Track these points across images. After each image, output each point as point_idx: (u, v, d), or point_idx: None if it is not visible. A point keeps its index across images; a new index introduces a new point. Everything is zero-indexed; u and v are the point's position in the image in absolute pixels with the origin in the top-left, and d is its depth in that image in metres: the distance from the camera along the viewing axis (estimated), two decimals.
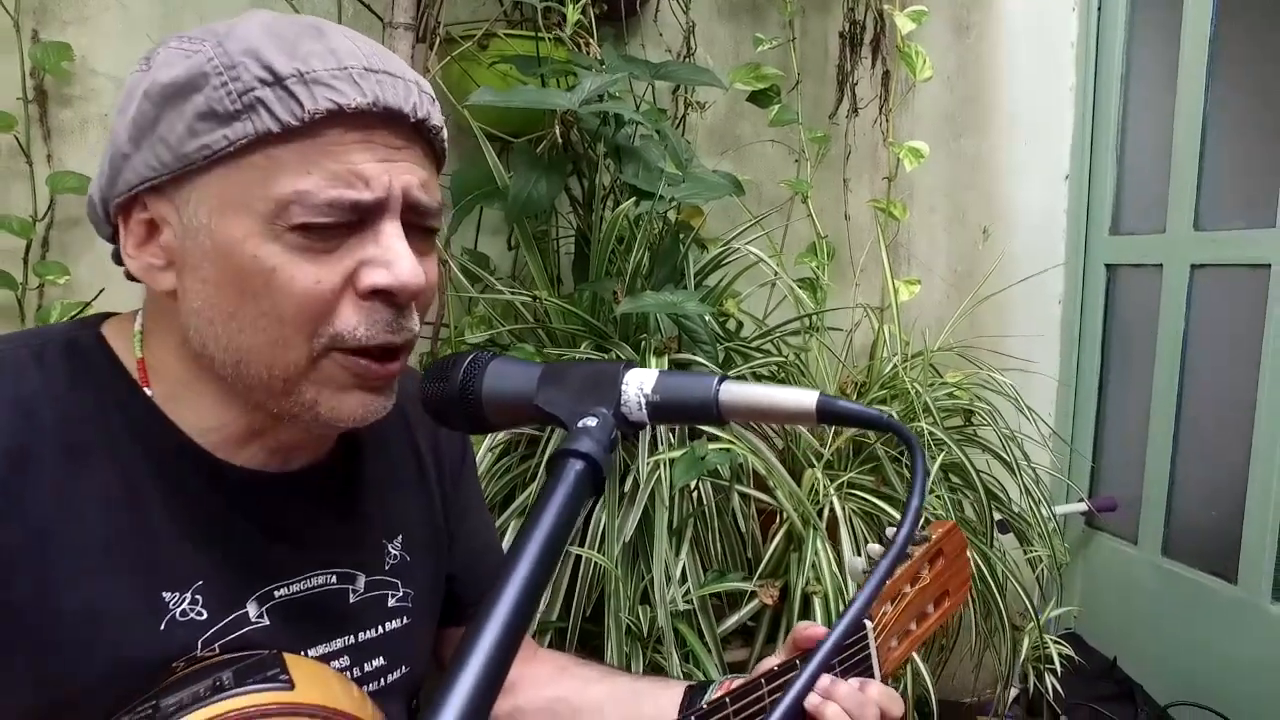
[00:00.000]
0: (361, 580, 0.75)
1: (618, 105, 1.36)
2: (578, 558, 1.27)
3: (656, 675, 1.18)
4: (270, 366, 0.62)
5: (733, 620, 1.43)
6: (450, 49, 1.56)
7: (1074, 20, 2.15)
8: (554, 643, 1.33)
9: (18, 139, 1.56)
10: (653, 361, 1.33)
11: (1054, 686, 1.65)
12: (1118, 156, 2.16)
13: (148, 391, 0.66)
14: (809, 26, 2.00)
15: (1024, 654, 1.58)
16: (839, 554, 1.47)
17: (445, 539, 0.86)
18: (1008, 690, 1.87)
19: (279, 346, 0.62)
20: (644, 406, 0.55)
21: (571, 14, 1.35)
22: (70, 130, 1.65)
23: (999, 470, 1.74)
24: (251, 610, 0.67)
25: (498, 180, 1.44)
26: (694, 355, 1.36)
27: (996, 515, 1.70)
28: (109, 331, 0.69)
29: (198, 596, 0.64)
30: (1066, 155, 2.19)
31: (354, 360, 0.64)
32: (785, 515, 1.45)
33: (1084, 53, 2.16)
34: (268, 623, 0.68)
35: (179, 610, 0.63)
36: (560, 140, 1.43)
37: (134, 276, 0.71)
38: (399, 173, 0.62)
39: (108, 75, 1.66)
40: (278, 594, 0.70)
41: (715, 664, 1.30)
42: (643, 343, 1.39)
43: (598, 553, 1.24)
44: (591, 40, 1.55)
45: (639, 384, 0.55)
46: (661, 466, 1.26)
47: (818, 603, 1.40)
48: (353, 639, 0.75)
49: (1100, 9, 2.14)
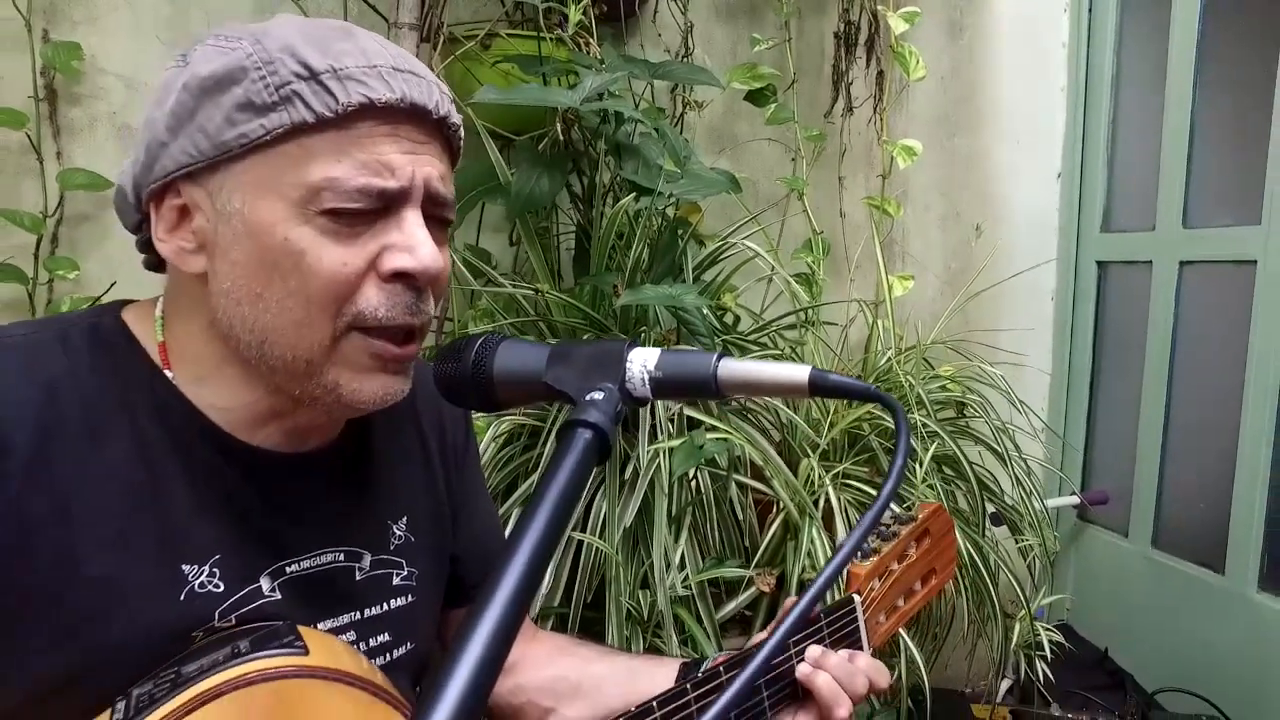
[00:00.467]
0: (367, 559, 0.78)
1: (618, 103, 1.39)
2: (579, 544, 1.30)
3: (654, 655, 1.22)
4: (294, 347, 0.66)
5: (730, 607, 1.46)
6: (453, 48, 1.59)
7: (1065, 22, 2.18)
8: (555, 628, 1.35)
9: (29, 136, 1.60)
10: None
11: (1044, 673, 1.68)
12: (1108, 156, 2.19)
13: (168, 374, 0.69)
14: (805, 27, 2.04)
15: (1015, 640, 1.61)
16: (834, 543, 1.50)
17: (449, 520, 0.89)
18: (1001, 677, 1.90)
19: (303, 327, 0.65)
20: (647, 382, 0.58)
21: (573, 14, 1.38)
22: (79, 128, 1.68)
23: (991, 462, 1.78)
24: (264, 584, 0.70)
25: (500, 177, 1.48)
26: (692, 348, 1.40)
27: (989, 507, 1.74)
28: (129, 317, 0.72)
29: (215, 570, 0.67)
30: (1058, 154, 2.22)
31: (373, 342, 0.67)
32: (781, 505, 1.48)
33: (1075, 54, 2.19)
34: (279, 596, 0.71)
35: (197, 582, 0.66)
36: (561, 138, 1.46)
37: (153, 266, 0.74)
38: (421, 165, 0.66)
39: (116, 74, 1.69)
40: (289, 569, 0.73)
41: (714, 649, 1.33)
42: (642, 335, 1.42)
43: (599, 538, 1.27)
44: (591, 40, 1.58)
45: (642, 361, 0.59)
46: (661, 455, 1.30)
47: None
48: (359, 615, 0.77)
49: (1091, 11, 2.18)
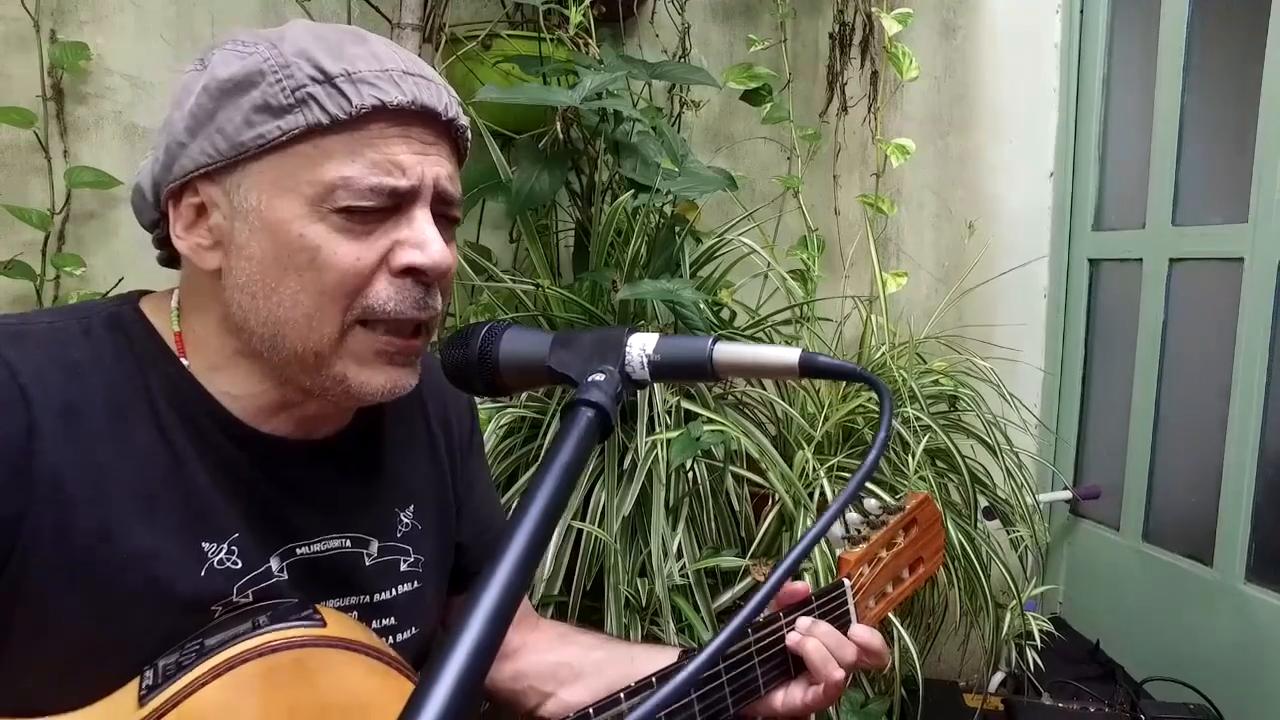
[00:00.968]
0: (375, 545, 0.81)
1: (616, 102, 1.42)
2: (579, 533, 1.33)
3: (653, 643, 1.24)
4: (304, 339, 0.68)
5: (727, 597, 1.48)
6: (455, 49, 1.62)
7: (1057, 23, 2.22)
8: (555, 616, 1.38)
9: (37, 135, 1.62)
10: None
11: (1035, 662, 1.71)
12: (1100, 155, 2.22)
13: (184, 362, 0.72)
14: (800, 28, 2.07)
15: (1006, 630, 1.64)
16: (828, 539, 1.53)
17: (454, 509, 0.91)
18: (994, 671, 1.93)
19: (314, 320, 0.68)
20: (646, 365, 0.61)
21: (574, 16, 1.41)
22: (86, 127, 1.70)
23: (984, 456, 1.80)
24: (274, 565, 0.73)
25: (501, 174, 1.51)
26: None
27: (982, 500, 1.76)
28: (147, 307, 0.74)
29: (234, 548, 0.70)
30: (1051, 154, 2.26)
31: (379, 337, 0.70)
32: (777, 497, 1.51)
33: (1067, 55, 2.22)
34: (287, 578, 0.74)
35: (217, 559, 0.69)
36: (561, 136, 1.49)
37: (167, 262, 0.77)
38: (431, 165, 0.69)
39: (122, 74, 1.71)
40: (299, 552, 0.75)
41: (711, 636, 1.36)
42: (640, 328, 1.45)
43: (598, 528, 1.30)
44: (590, 41, 1.61)
45: (641, 345, 0.61)
46: (658, 446, 1.32)
47: (809, 580, 1.46)
48: (366, 598, 0.80)
49: (1083, 13, 2.21)
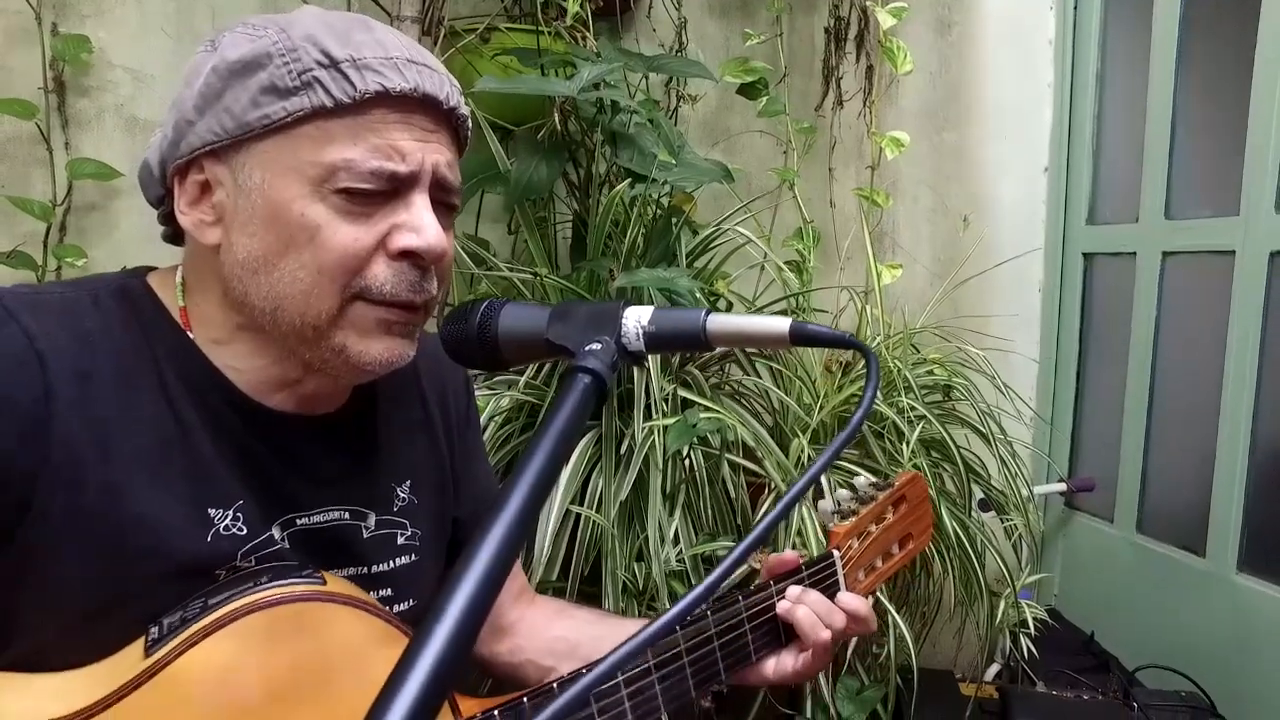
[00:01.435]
0: (372, 518, 0.83)
1: (614, 93, 1.44)
2: (577, 518, 1.34)
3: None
4: (303, 314, 0.70)
5: (723, 584, 1.50)
6: (453, 42, 1.64)
7: (1051, 19, 2.23)
8: None
9: (39, 127, 1.63)
10: None
11: (1029, 649, 1.73)
12: (1093, 150, 2.24)
13: (189, 335, 0.74)
14: (796, 23, 2.09)
15: (1000, 617, 1.66)
16: (824, 521, 1.54)
17: (451, 485, 0.93)
18: (990, 663, 1.94)
19: (312, 296, 0.70)
20: (641, 336, 0.62)
21: (571, 6, 1.43)
22: (87, 119, 1.72)
23: (978, 447, 1.82)
24: (275, 533, 0.75)
25: (500, 165, 1.52)
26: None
27: (976, 491, 1.78)
28: (153, 281, 0.76)
29: (238, 514, 0.72)
30: (1045, 149, 2.27)
31: (378, 307, 0.71)
32: (773, 485, 1.52)
33: (1061, 51, 2.24)
34: (288, 546, 0.76)
35: (222, 525, 0.71)
36: (559, 128, 1.51)
37: (171, 239, 0.79)
38: (431, 152, 0.71)
39: (123, 67, 1.73)
40: (298, 522, 0.77)
41: None
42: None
43: (595, 513, 1.31)
44: (588, 34, 1.63)
45: (637, 318, 0.63)
46: (655, 433, 1.34)
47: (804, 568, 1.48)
48: (365, 569, 0.82)
49: (1076, 9, 2.22)
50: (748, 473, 1.57)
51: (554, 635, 0.99)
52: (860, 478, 1.06)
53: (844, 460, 1.63)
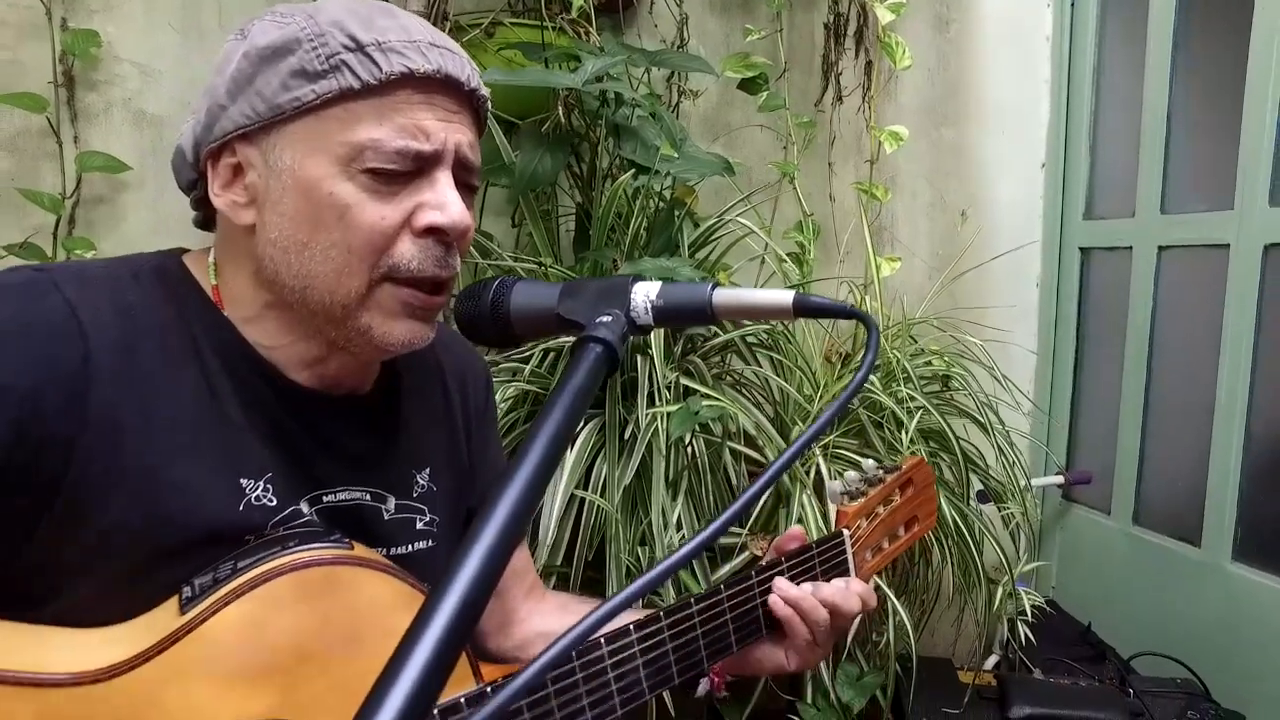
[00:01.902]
0: (392, 502, 0.84)
1: (618, 85, 1.46)
2: (582, 503, 1.36)
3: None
4: (333, 292, 0.73)
5: (725, 570, 1.52)
6: (458, 36, 1.66)
7: (1049, 16, 2.25)
8: (558, 586, 1.42)
9: (49, 120, 1.65)
10: None
11: (1026, 635, 1.75)
12: (1090, 146, 2.26)
13: (223, 312, 0.77)
14: (796, 19, 2.11)
15: (998, 603, 1.68)
16: (825, 510, 1.57)
17: (468, 475, 0.95)
18: (989, 654, 1.96)
19: (343, 274, 0.72)
20: (650, 310, 0.64)
21: (575, 0, 1.45)
22: (95, 113, 1.73)
23: (977, 437, 1.84)
24: (304, 508, 0.77)
25: (504, 157, 1.54)
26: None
27: (974, 481, 1.80)
28: (189, 261, 0.79)
29: (269, 486, 0.74)
30: (1042, 145, 2.29)
31: (403, 290, 0.74)
32: None
33: (1058, 48, 2.26)
34: (316, 522, 0.77)
35: (253, 495, 0.73)
36: (563, 120, 1.53)
37: (203, 223, 0.82)
38: (453, 132, 0.74)
39: (131, 61, 1.74)
40: (324, 499, 0.79)
41: None
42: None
43: (600, 498, 1.33)
44: (591, 29, 1.65)
45: (645, 292, 0.65)
46: (658, 419, 1.36)
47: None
48: (385, 551, 0.83)
49: (1073, 6, 2.24)
50: (749, 460, 1.59)
51: (561, 625, 1.01)
52: (869, 461, 1.08)
53: (844, 450, 1.65)
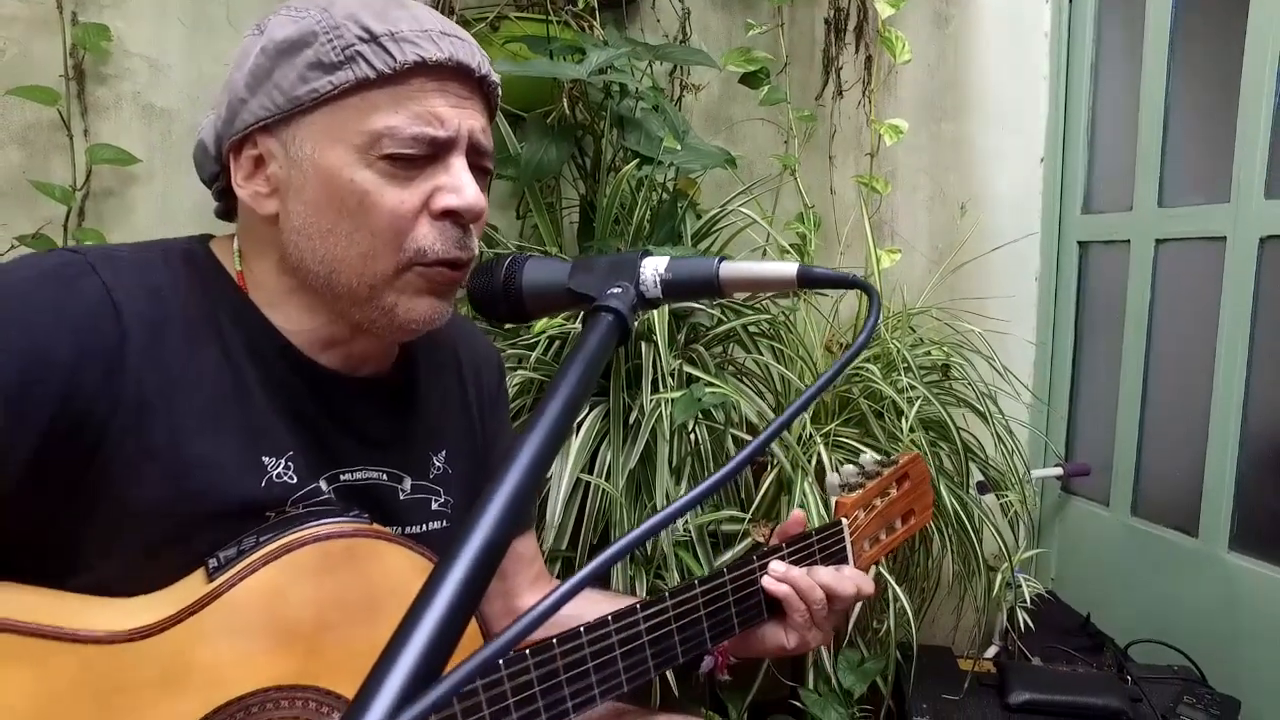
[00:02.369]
0: (408, 482, 0.87)
1: (622, 76, 1.48)
2: (586, 487, 1.38)
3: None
4: (360, 274, 0.75)
5: (728, 556, 1.54)
6: (464, 30, 1.68)
7: (1047, 11, 2.27)
8: (562, 571, 1.44)
9: (60, 113, 1.67)
10: (654, 313, 1.45)
11: (1026, 622, 1.77)
12: (1088, 140, 2.28)
13: (248, 296, 0.79)
14: (796, 14, 2.13)
15: (998, 589, 1.70)
16: (826, 498, 1.58)
17: (481, 459, 0.97)
18: (986, 635, 1.98)
19: (369, 258, 0.75)
20: (659, 284, 0.66)
21: None
22: (105, 106, 1.75)
23: (976, 427, 1.86)
24: (322, 485, 0.79)
25: (510, 148, 1.56)
26: (693, 305, 1.49)
27: (974, 471, 1.82)
28: (214, 246, 0.82)
29: (290, 464, 0.76)
30: (1041, 139, 2.31)
31: (430, 269, 0.77)
32: (775, 462, 1.57)
33: (1056, 43, 2.28)
34: (333, 499, 0.80)
35: (275, 473, 0.75)
36: (567, 112, 1.55)
37: (225, 214, 0.85)
38: (466, 118, 0.76)
39: (141, 55, 1.77)
40: (342, 478, 0.81)
41: None
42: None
43: (605, 482, 1.35)
44: (594, 23, 1.67)
45: (654, 266, 0.67)
46: (662, 405, 1.38)
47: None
48: (400, 530, 0.86)
49: (1071, 2, 2.27)
50: None
51: (566, 614, 1.02)
52: (866, 455, 1.10)
53: (846, 439, 1.67)
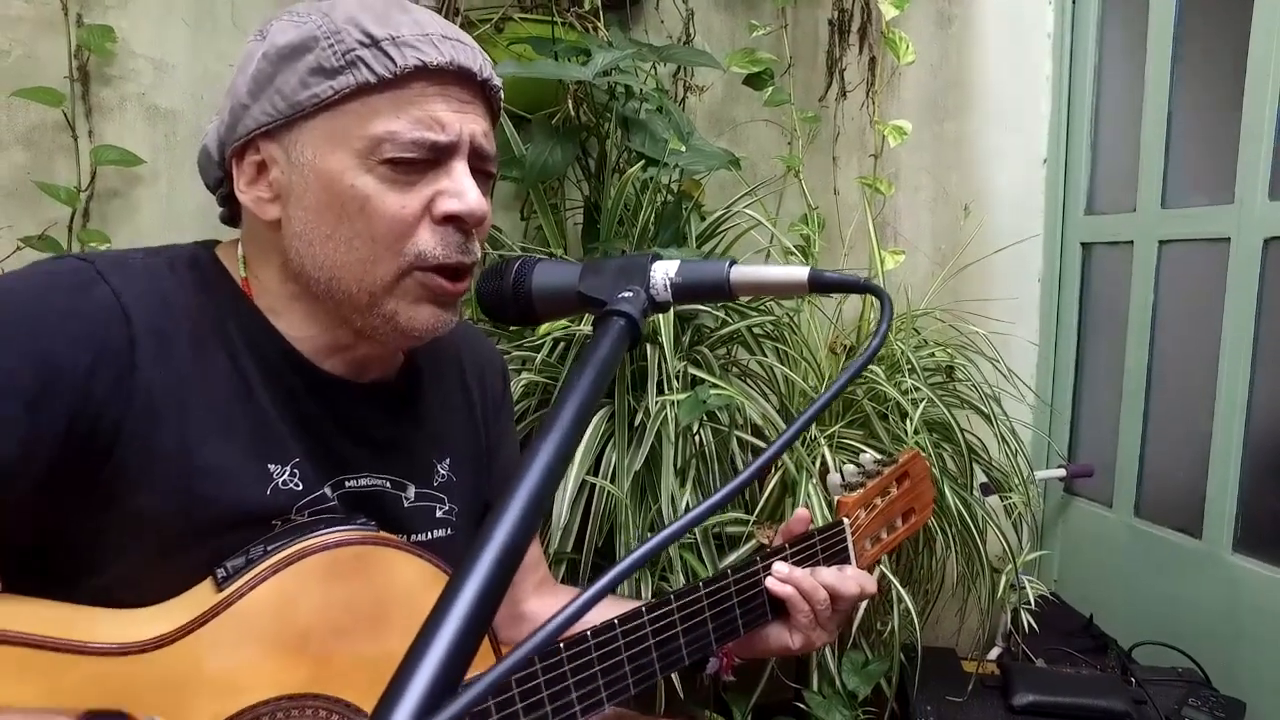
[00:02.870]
0: (412, 490, 0.87)
1: (627, 78, 1.48)
2: (592, 489, 1.38)
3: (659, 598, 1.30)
4: (360, 281, 0.75)
5: (732, 558, 1.54)
6: (469, 31, 1.68)
7: (1050, 12, 2.28)
8: (567, 574, 1.44)
9: (65, 114, 1.67)
10: (659, 315, 1.46)
11: (1030, 624, 1.77)
12: (1091, 141, 2.28)
13: (253, 302, 0.79)
14: (800, 15, 2.13)
15: (1002, 591, 1.70)
16: (830, 500, 1.59)
17: (486, 466, 0.97)
18: (990, 637, 1.98)
19: (370, 263, 0.75)
20: (669, 287, 0.66)
21: None
22: (110, 108, 1.75)
23: (980, 429, 1.86)
24: (327, 492, 0.79)
25: (515, 150, 1.56)
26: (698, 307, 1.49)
27: (978, 473, 1.82)
28: (220, 253, 0.82)
29: (295, 471, 0.76)
30: (1043, 140, 2.31)
31: (430, 277, 0.76)
32: (780, 463, 1.57)
33: (1059, 44, 2.28)
34: (338, 506, 0.79)
35: (281, 480, 0.75)
36: (572, 114, 1.55)
37: (229, 220, 0.84)
38: (468, 122, 0.76)
39: (145, 56, 1.76)
40: (347, 484, 0.81)
41: None
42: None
43: (610, 484, 1.35)
44: (599, 25, 1.67)
45: (664, 270, 0.67)
46: (667, 407, 1.38)
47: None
48: (405, 538, 0.85)
49: (1074, 2, 2.27)
50: (755, 450, 1.61)
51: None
52: (866, 454, 1.10)
53: (849, 440, 1.67)
